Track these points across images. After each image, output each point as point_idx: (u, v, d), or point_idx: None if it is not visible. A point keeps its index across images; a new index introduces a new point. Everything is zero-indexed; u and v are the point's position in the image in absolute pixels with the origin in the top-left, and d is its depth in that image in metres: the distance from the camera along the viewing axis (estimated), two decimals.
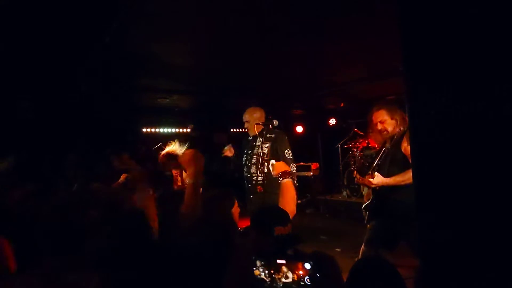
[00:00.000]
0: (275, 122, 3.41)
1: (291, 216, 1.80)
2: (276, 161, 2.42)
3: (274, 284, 1.28)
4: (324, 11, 2.83)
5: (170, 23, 3.01)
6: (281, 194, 1.96)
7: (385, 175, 2.73)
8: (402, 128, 2.77)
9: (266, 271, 1.30)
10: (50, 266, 1.27)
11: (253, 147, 3.50)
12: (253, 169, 3.42)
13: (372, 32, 3.32)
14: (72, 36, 3.12)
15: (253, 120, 3.50)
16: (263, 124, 3.43)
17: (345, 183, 7.30)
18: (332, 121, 8.23)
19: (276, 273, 1.30)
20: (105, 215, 1.51)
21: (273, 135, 3.41)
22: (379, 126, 2.85)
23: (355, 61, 4.42)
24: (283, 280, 1.29)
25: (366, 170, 2.83)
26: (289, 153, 3.35)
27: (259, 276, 1.31)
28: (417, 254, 2.16)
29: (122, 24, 2.90)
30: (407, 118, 2.80)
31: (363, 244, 2.86)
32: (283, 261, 1.28)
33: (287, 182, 1.94)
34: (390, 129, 2.81)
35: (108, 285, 1.29)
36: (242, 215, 2.22)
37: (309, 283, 1.23)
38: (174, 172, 4.14)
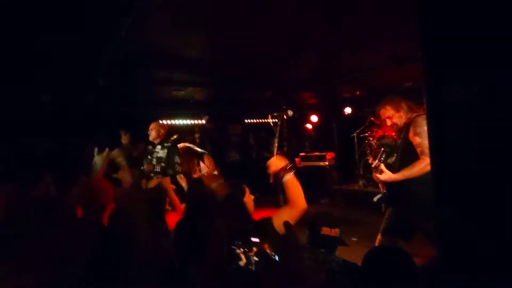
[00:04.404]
0: (290, 113, 3.35)
1: (302, 211, 1.79)
2: None
3: (249, 261, 1.42)
4: None
5: (185, 16, 3.02)
6: (286, 193, 1.88)
7: (397, 165, 2.73)
8: (408, 117, 2.77)
9: (244, 250, 1.43)
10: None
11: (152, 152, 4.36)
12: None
13: (390, 17, 3.25)
14: (89, 30, 3.17)
15: (152, 130, 4.32)
16: (279, 115, 3.38)
17: (361, 173, 7.21)
18: (348, 110, 8.09)
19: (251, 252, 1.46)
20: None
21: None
22: (388, 123, 2.90)
23: (372, 47, 4.33)
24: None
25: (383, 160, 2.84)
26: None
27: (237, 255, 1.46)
28: (433, 245, 2.14)
29: (138, 17, 2.92)
30: (413, 106, 2.84)
31: (379, 233, 2.86)
32: (257, 240, 1.47)
33: (289, 178, 1.85)
34: (399, 122, 2.85)
35: None
36: (258, 206, 2.23)
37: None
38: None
